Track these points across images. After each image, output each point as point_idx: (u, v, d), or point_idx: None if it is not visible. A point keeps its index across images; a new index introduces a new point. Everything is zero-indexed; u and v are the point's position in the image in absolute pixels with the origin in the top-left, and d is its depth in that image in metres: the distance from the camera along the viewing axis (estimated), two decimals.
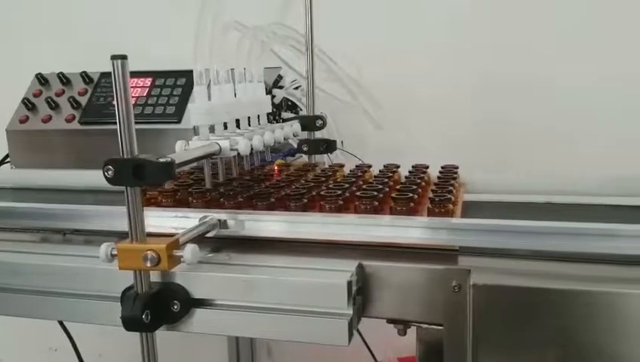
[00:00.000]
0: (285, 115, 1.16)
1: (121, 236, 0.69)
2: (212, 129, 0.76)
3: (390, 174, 0.83)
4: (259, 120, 0.88)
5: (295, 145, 1.00)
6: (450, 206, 0.68)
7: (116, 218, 0.71)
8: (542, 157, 1.31)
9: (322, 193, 0.71)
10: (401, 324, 0.63)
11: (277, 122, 1.11)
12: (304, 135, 0.97)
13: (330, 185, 0.76)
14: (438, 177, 0.82)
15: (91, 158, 1.02)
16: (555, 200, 0.80)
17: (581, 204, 0.80)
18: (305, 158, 1.02)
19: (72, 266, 0.64)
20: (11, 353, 1.76)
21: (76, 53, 1.41)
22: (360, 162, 1.01)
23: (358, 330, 0.63)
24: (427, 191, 0.77)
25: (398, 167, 0.89)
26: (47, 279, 0.65)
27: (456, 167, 0.87)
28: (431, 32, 1.35)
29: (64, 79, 1.18)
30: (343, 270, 0.58)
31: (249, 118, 0.85)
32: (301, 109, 1.18)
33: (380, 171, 0.87)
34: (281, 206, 0.71)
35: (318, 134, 0.99)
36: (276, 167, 0.90)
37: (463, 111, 1.36)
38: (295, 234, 0.67)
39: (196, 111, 0.73)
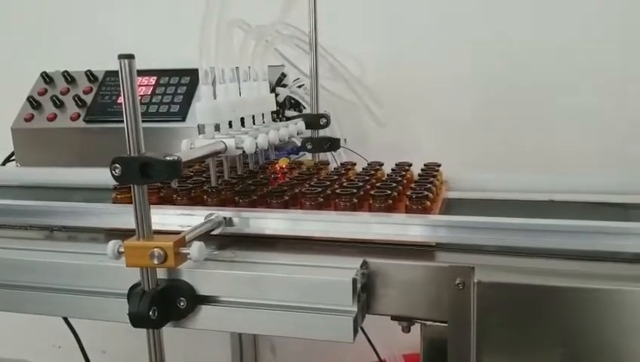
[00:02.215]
0: (289, 113, 1.16)
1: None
2: (217, 127, 0.76)
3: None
4: (263, 118, 0.88)
5: (299, 143, 1.01)
6: (428, 203, 0.68)
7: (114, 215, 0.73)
8: (547, 155, 1.31)
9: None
10: (406, 321, 0.64)
11: (280, 120, 1.12)
12: (307, 133, 0.98)
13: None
14: (419, 175, 0.83)
15: (96, 156, 1.04)
16: (557, 197, 0.81)
17: (581, 202, 0.80)
18: (308, 156, 1.02)
19: (79, 264, 0.65)
20: (15, 350, 1.77)
21: (81, 52, 1.42)
22: (363, 160, 1.01)
23: (361, 328, 0.63)
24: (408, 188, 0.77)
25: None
26: (54, 276, 0.66)
27: (439, 165, 0.87)
28: (433, 31, 1.36)
29: (69, 77, 1.18)
30: (348, 267, 0.58)
31: (253, 116, 0.85)
32: (304, 107, 1.19)
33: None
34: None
35: (322, 132, 0.99)
36: (279, 166, 0.91)
37: (466, 109, 1.36)
38: (300, 231, 0.68)
39: (202, 109, 0.74)
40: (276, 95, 1.10)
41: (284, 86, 1.16)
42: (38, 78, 1.21)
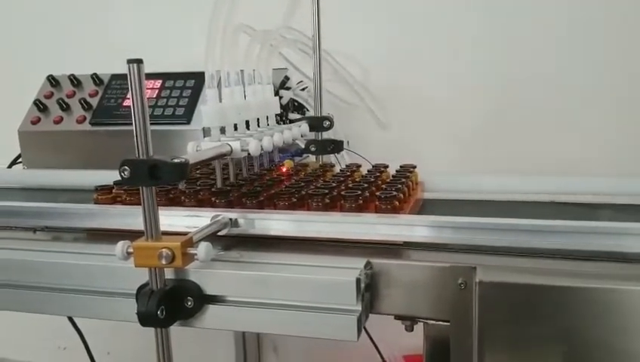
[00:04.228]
0: (292, 115, 1.17)
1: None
2: (222, 130, 0.78)
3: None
4: (267, 121, 0.89)
5: (302, 146, 1.02)
6: (397, 203, 0.70)
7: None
8: (549, 156, 1.32)
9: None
10: (409, 320, 0.65)
11: (284, 122, 1.13)
12: (311, 135, 0.99)
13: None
14: (393, 176, 0.84)
15: (102, 158, 1.05)
16: (559, 199, 0.82)
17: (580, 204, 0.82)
18: (312, 158, 1.03)
19: (87, 264, 0.66)
20: (21, 352, 1.78)
21: (86, 56, 1.43)
22: (366, 162, 1.02)
23: (365, 329, 0.64)
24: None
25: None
26: (63, 276, 0.67)
27: (414, 166, 0.89)
28: (436, 33, 1.37)
29: (75, 81, 1.20)
30: (352, 267, 0.59)
31: (258, 119, 0.87)
32: (307, 110, 1.20)
33: (367, 171, 0.88)
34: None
35: (325, 135, 1.00)
36: (284, 168, 0.92)
37: (468, 110, 1.37)
38: (304, 232, 0.69)
39: (208, 113, 0.75)
40: (280, 98, 1.11)
41: (288, 89, 1.18)
42: (44, 82, 1.22)
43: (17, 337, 1.72)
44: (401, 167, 0.89)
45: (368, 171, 0.88)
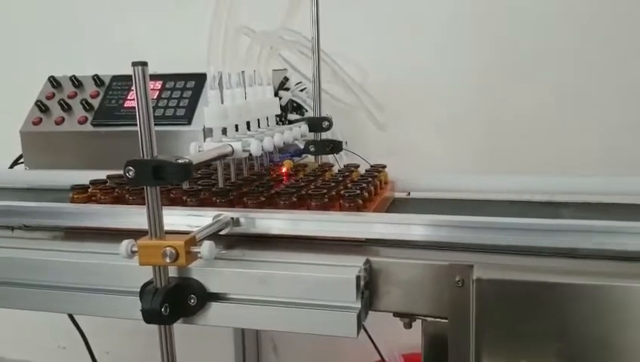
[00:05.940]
0: (291, 116, 1.19)
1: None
2: (224, 131, 0.79)
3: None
4: (267, 121, 0.90)
5: (302, 146, 1.03)
6: (360, 201, 0.71)
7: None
8: (549, 155, 1.33)
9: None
10: (407, 318, 0.66)
11: (283, 123, 1.14)
12: (310, 135, 1.00)
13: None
14: (361, 175, 0.85)
15: (103, 159, 1.06)
16: (555, 198, 0.83)
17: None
18: (311, 158, 1.04)
19: (91, 263, 0.67)
20: (20, 351, 1.79)
21: (88, 57, 1.44)
22: (365, 162, 1.03)
23: (363, 327, 0.65)
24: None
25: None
26: (66, 275, 0.68)
27: (384, 166, 0.90)
28: (435, 34, 1.38)
29: (76, 82, 1.20)
30: (352, 265, 0.61)
31: (258, 119, 0.88)
32: (306, 110, 1.21)
33: (338, 170, 0.90)
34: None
35: (323, 135, 1.01)
36: (284, 168, 0.93)
37: (466, 111, 1.38)
38: (304, 231, 0.70)
39: (210, 114, 0.76)
40: (279, 98, 1.12)
41: (287, 90, 1.19)
42: (45, 83, 1.23)
43: (17, 336, 1.73)
44: (371, 166, 0.90)
45: (338, 171, 0.90)
